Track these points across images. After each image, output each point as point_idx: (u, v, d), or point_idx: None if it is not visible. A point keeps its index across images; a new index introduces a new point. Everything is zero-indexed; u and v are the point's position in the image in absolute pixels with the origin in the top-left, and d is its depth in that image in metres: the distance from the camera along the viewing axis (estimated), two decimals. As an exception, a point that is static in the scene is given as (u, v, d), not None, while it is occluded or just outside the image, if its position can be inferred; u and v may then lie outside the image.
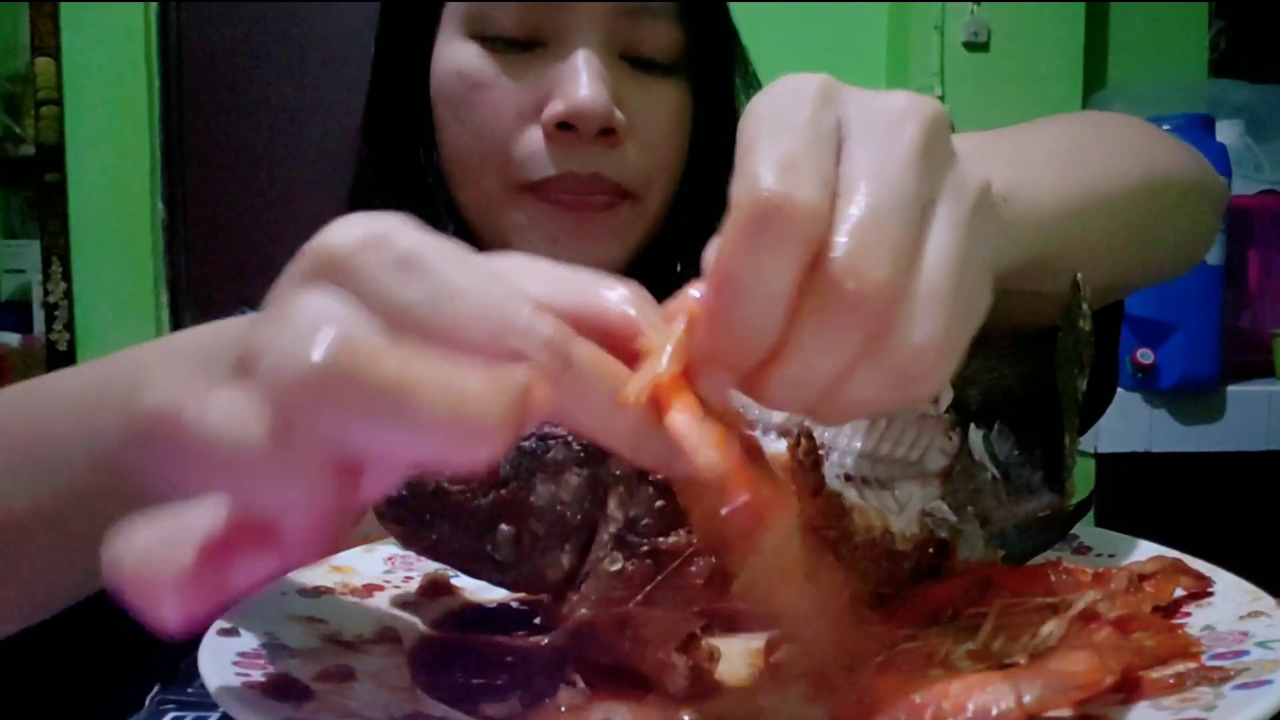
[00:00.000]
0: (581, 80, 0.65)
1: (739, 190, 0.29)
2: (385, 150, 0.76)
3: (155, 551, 0.26)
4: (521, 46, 0.68)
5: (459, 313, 0.27)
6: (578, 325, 0.29)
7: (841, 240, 0.29)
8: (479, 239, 0.72)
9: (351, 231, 0.28)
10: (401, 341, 0.26)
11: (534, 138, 0.67)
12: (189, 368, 0.42)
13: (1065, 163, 0.54)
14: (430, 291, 0.27)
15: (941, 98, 2.36)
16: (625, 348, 0.30)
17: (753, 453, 0.31)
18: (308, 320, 0.26)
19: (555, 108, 0.65)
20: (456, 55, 0.69)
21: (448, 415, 0.25)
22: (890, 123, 0.31)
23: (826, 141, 0.30)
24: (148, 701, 0.45)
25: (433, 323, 0.27)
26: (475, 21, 0.69)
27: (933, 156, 0.31)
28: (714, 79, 0.74)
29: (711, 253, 0.30)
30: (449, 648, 0.43)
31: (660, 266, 0.73)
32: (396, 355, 0.25)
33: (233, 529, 0.26)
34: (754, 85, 0.79)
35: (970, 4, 2.25)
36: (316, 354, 0.24)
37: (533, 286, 0.29)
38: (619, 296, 0.31)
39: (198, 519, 0.26)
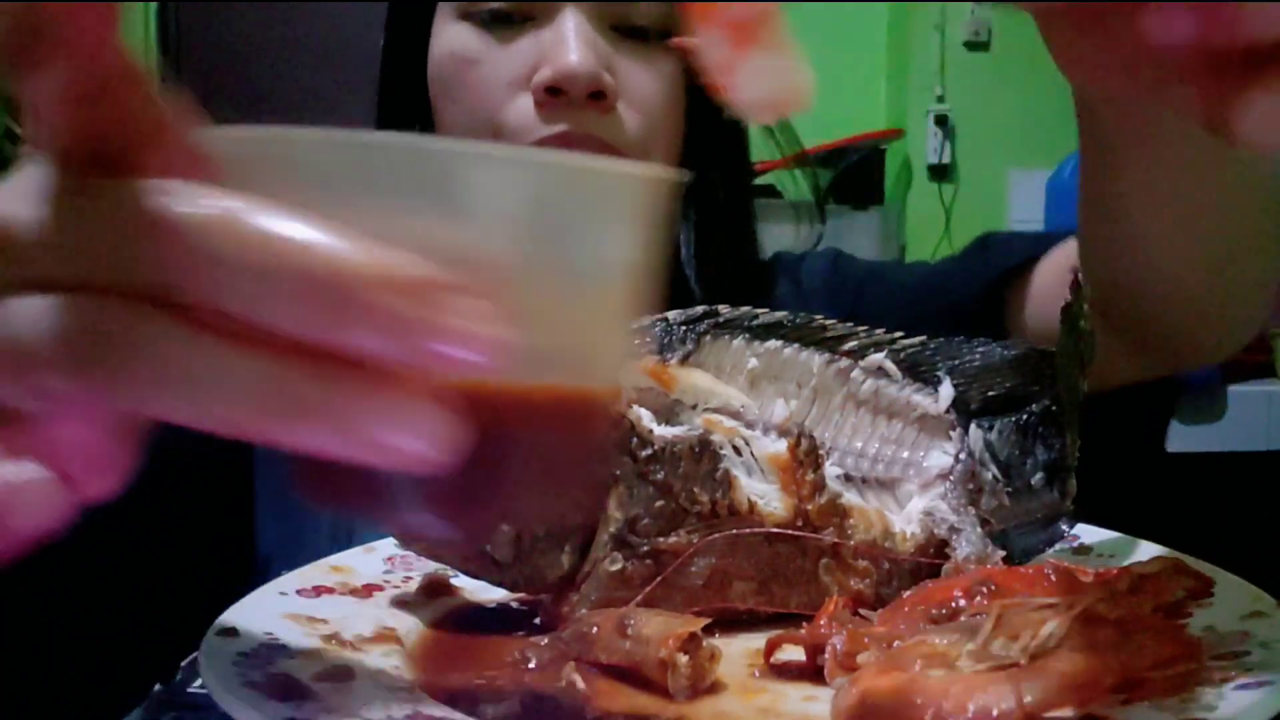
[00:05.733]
0: (569, 44, 0.65)
1: None
2: None
3: None
4: (512, 23, 0.69)
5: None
6: None
7: None
8: None
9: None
10: None
11: (524, 105, 0.67)
12: None
13: None
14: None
15: (941, 98, 2.37)
16: None
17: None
18: None
19: (543, 73, 0.66)
20: (450, 38, 0.70)
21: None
22: None
23: None
24: (148, 701, 0.45)
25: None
26: (466, 4, 0.69)
27: None
28: None
29: None
30: (449, 648, 0.43)
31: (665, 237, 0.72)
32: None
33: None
34: None
35: (970, 4, 2.25)
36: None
37: None
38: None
39: None
